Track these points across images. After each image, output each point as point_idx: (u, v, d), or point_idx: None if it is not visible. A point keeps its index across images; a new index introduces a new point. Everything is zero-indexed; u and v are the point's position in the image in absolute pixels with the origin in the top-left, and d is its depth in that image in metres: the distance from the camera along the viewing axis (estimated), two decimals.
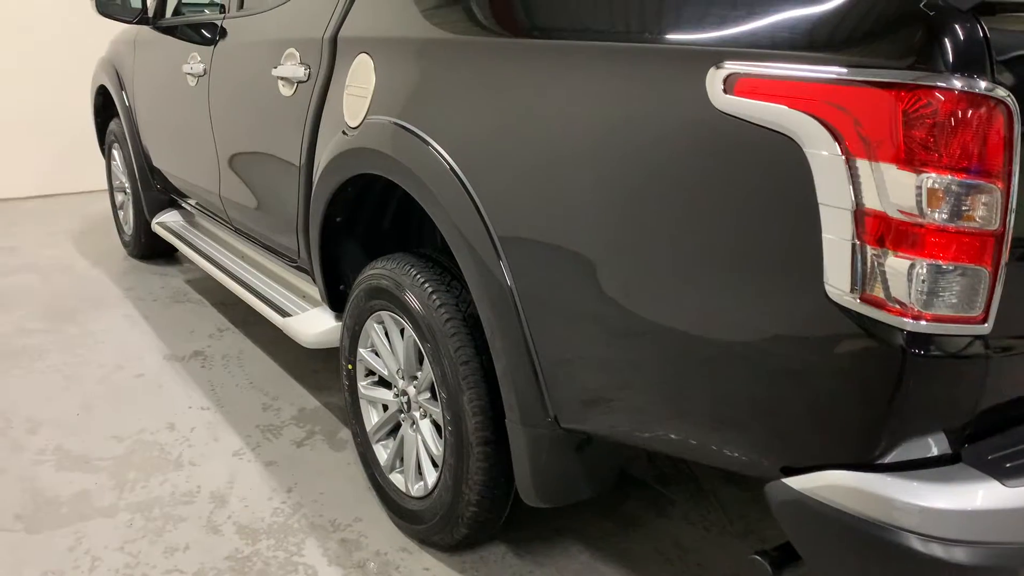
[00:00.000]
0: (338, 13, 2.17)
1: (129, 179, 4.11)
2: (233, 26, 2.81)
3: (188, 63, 3.05)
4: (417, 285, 1.89)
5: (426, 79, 1.82)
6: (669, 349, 1.38)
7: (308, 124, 2.25)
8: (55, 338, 3.34)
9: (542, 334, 1.58)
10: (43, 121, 5.76)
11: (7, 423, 2.66)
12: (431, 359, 1.86)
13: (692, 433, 1.42)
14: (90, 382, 2.95)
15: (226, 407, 2.76)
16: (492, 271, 1.63)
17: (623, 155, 1.36)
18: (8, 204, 5.68)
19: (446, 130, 1.73)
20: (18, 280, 4.06)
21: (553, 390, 1.59)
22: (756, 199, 1.19)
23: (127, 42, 3.94)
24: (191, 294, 3.87)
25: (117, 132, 4.15)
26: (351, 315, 2.17)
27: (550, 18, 1.59)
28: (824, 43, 1.12)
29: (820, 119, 1.08)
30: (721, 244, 1.25)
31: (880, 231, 1.07)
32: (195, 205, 3.56)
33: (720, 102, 1.18)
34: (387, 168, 1.90)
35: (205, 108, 2.93)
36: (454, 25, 1.83)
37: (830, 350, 1.17)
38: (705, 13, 1.27)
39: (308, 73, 2.23)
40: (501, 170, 1.60)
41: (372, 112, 1.95)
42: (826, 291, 1.12)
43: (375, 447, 2.17)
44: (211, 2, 3.44)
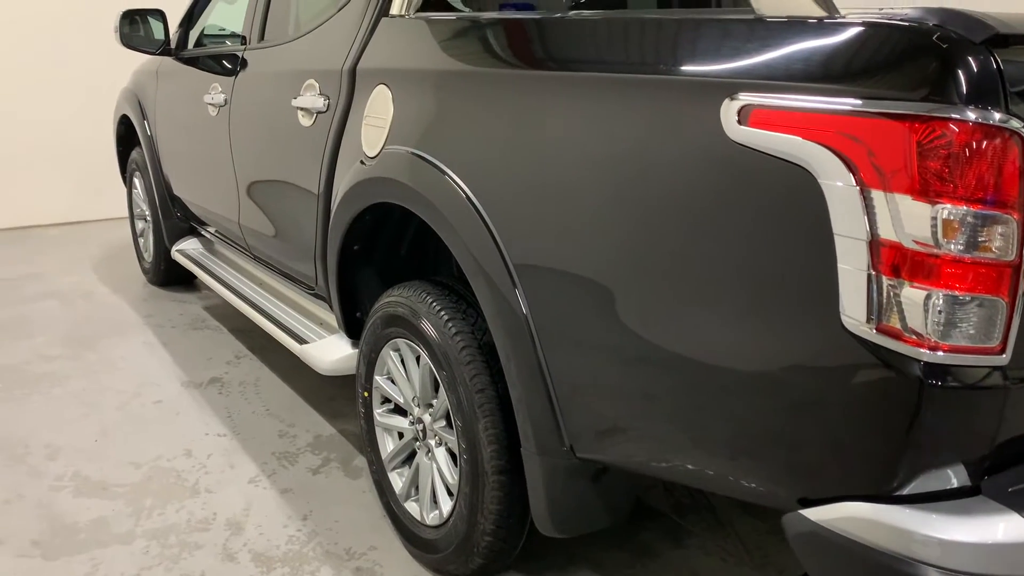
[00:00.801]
0: (357, 45, 2.20)
1: (150, 207, 4.17)
2: (254, 57, 2.86)
3: (209, 93, 3.10)
4: (433, 313, 1.90)
5: (443, 110, 1.85)
6: (684, 378, 1.37)
7: (327, 154, 2.28)
8: (75, 364, 3.37)
9: (557, 362, 1.58)
10: (66, 150, 5.85)
11: (26, 449, 2.68)
12: (446, 387, 1.86)
13: (708, 463, 1.41)
14: (108, 408, 2.97)
15: (242, 434, 2.77)
16: (507, 299, 1.63)
17: (638, 185, 1.37)
18: (32, 231, 5.76)
19: (462, 160, 1.75)
20: (40, 306, 4.11)
21: (569, 419, 1.59)
22: (771, 229, 1.19)
23: (149, 73, 4.01)
24: (209, 321, 3.90)
25: (138, 161, 4.21)
26: (367, 342, 2.18)
27: (565, 50, 1.61)
28: (838, 75, 1.12)
29: (835, 150, 1.09)
30: (736, 274, 1.25)
31: (896, 262, 1.07)
32: (214, 233, 3.60)
33: (735, 133, 1.19)
34: (404, 197, 1.92)
35: (225, 137, 2.98)
36: (471, 57, 1.86)
37: (847, 380, 1.16)
38: (719, 45, 1.29)
39: (327, 104, 2.27)
40: (516, 199, 1.61)
41: (390, 142, 1.98)
42: (842, 321, 1.12)
43: (390, 475, 2.17)
44: (232, 34, 3.50)
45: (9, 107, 5.64)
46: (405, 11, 2.11)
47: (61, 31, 5.67)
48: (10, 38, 5.55)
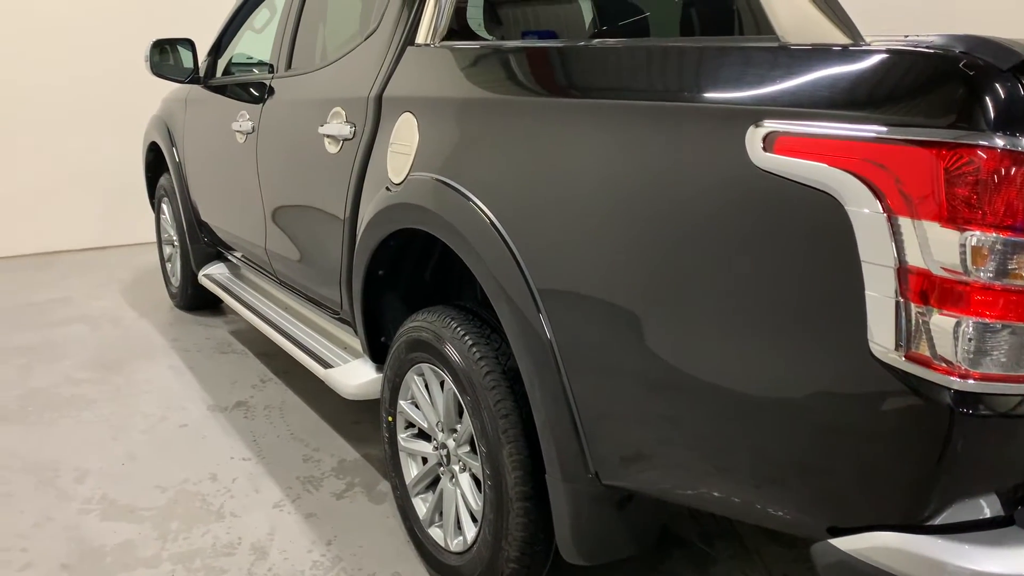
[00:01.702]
0: (383, 73, 2.23)
1: (177, 232, 4.22)
2: (281, 85, 2.90)
3: (237, 121, 3.15)
4: (457, 337, 1.90)
5: (467, 137, 1.86)
6: (710, 405, 1.37)
7: (353, 180, 2.30)
8: (103, 388, 3.41)
9: (582, 388, 1.58)
10: (96, 176, 5.96)
11: (55, 472, 2.70)
12: (471, 412, 1.86)
13: (735, 491, 1.40)
14: (135, 432, 3.00)
15: (267, 458, 2.78)
16: (532, 324, 1.64)
17: (662, 211, 1.37)
18: (62, 256, 5.85)
19: (487, 186, 1.76)
20: (69, 331, 4.17)
21: (594, 445, 1.59)
22: (797, 255, 1.19)
23: (178, 100, 4.08)
24: (235, 345, 3.93)
25: (167, 187, 4.28)
26: (391, 367, 2.19)
27: (589, 78, 1.62)
28: (864, 102, 1.13)
29: (861, 177, 1.09)
30: (762, 300, 1.24)
31: (924, 289, 1.06)
32: (241, 258, 3.64)
33: (760, 160, 1.19)
34: (429, 223, 1.93)
35: (253, 164, 3.02)
36: (495, 85, 1.88)
37: (876, 408, 1.15)
38: (744, 72, 1.29)
39: (354, 131, 2.29)
40: (540, 225, 1.62)
41: (415, 169, 2.00)
42: (871, 348, 1.11)
43: (414, 500, 2.17)
44: (260, 62, 3.56)
45: (39, 134, 5.75)
46: (430, 40, 2.14)
47: (91, 60, 5.78)
48: (41, 66, 5.67)
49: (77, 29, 5.73)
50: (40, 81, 5.69)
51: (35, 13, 5.60)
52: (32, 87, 5.67)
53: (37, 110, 5.72)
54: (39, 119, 5.74)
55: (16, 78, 5.61)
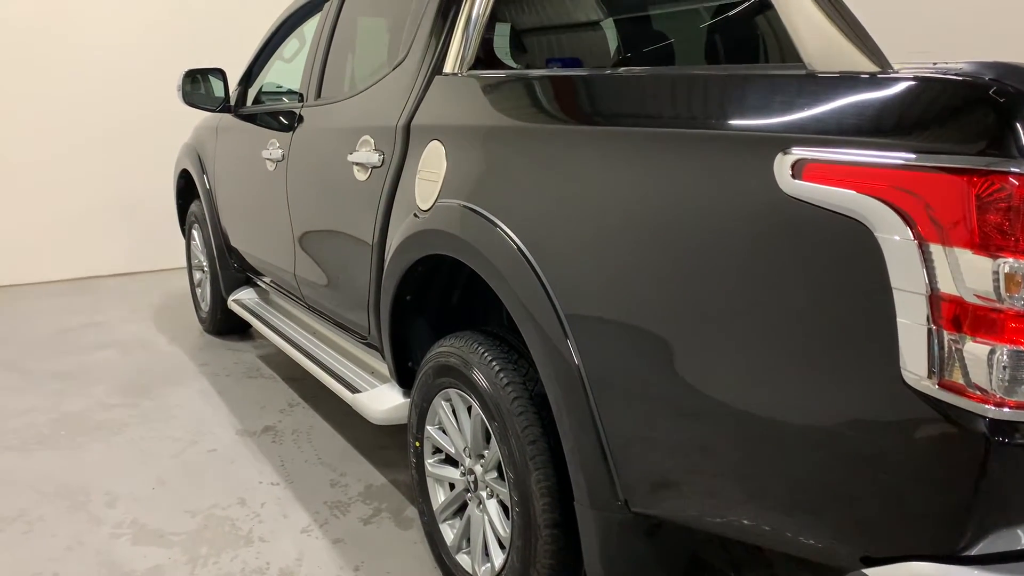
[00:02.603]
0: (411, 102, 2.26)
1: (207, 258, 4.28)
2: (310, 114, 2.95)
3: (267, 149, 3.20)
4: (484, 363, 1.91)
5: (494, 164, 1.88)
6: (740, 432, 1.36)
7: (381, 207, 2.33)
8: (133, 412, 3.45)
9: (610, 414, 1.58)
10: (128, 203, 6.07)
11: (87, 496, 2.73)
12: (498, 438, 1.86)
13: (765, 519, 1.39)
14: (165, 456, 3.03)
15: (295, 483, 2.80)
16: (559, 349, 1.64)
17: (690, 237, 1.37)
18: (94, 281, 5.94)
19: (514, 212, 1.77)
20: (101, 355, 4.22)
21: (623, 472, 1.58)
22: (827, 282, 1.18)
23: (209, 128, 4.15)
24: (263, 369, 3.97)
25: (197, 213, 4.34)
26: (419, 392, 2.20)
27: (617, 105, 1.63)
28: (893, 129, 1.13)
29: (891, 204, 1.08)
30: (792, 326, 1.24)
31: (957, 316, 1.05)
32: (269, 283, 3.68)
33: (789, 187, 1.19)
34: (457, 249, 1.95)
35: (283, 191, 3.06)
36: (521, 113, 1.89)
37: (909, 436, 1.14)
38: (771, 100, 1.30)
39: (382, 159, 2.32)
40: (568, 251, 1.63)
41: (443, 196, 2.02)
42: (903, 376, 1.10)
43: (442, 526, 2.16)
44: (289, 91, 3.62)
45: (73, 162, 5.87)
46: (458, 69, 2.17)
47: (125, 90, 5.91)
48: (76, 98, 5.81)
49: (112, 60, 5.87)
50: (74, 111, 5.82)
51: (72, 46, 5.74)
52: (66, 117, 5.80)
53: (71, 139, 5.85)
54: (73, 148, 5.86)
55: (52, 109, 5.75)
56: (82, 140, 5.87)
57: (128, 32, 5.89)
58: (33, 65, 5.65)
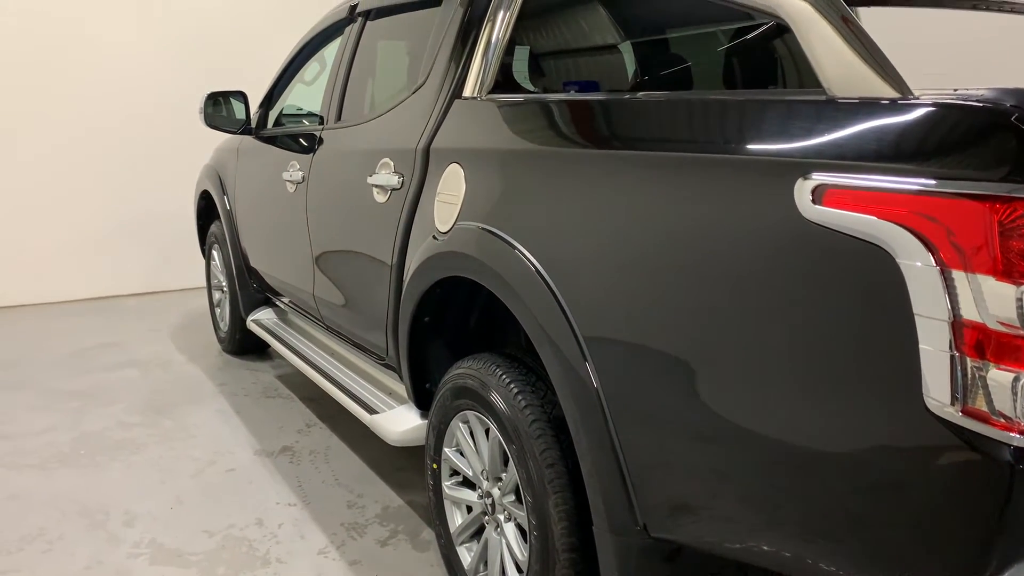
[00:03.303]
0: (431, 126, 2.28)
1: (227, 278, 4.31)
2: (331, 136, 2.98)
3: (288, 170, 3.23)
4: (502, 385, 1.91)
5: (513, 187, 1.89)
6: (761, 457, 1.35)
7: (400, 229, 2.34)
8: (152, 432, 3.47)
9: (629, 437, 1.57)
10: (148, 224, 6.13)
11: (106, 515, 2.75)
12: (516, 461, 1.86)
13: (786, 545, 1.38)
14: (184, 476, 3.04)
15: (312, 504, 2.80)
16: (578, 371, 1.64)
17: (710, 261, 1.37)
18: (114, 301, 6.00)
19: (533, 235, 1.78)
20: (120, 375, 4.26)
21: (642, 496, 1.57)
22: (848, 307, 1.18)
23: (230, 150, 4.20)
24: (281, 389, 3.98)
25: (217, 234, 4.38)
26: (436, 414, 2.20)
27: (636, 129, 1.64)
28: (913, 155, 1.13)
29: (913, 230, 1.08)
30: (812, 351, 1.23)
31: (980, 343, 1.05)
32: (288, 303, 3.70)
33: (809, 212, 1.19)
34: (475, 271, 1.95)
35: (302, 213, 3.09)
36: (540, 137, 1.90)
37: (932, 463, 1.13)
38: (791, 125, 1.30)
39: (401, 181, 2.34)
40: (586, 273, 1.63)
41: (462, 218, 2.03)
42: (925, 403, 1.09)
43: (459, 549, 2.16)
44: (310, 113, 3.65)
45: (94, 182, 5.95)
46: (477, 93, 2.18)
47: (144, 109, 6.00)
48: (96, 116, 5.89)
49: (134, 83, 5.96)
50: (95, 132, 5.90)
51: (94, 66, 5.83)
52: (87, 138, 5.89)
53: (92, 160, 5.93)
54: (93, 168, 5.94)
55: (72, 129, 5.83)
56: (103, 160, 5.95)
57: (150, 53, 5.99)
58: (54, 85, 5.74)
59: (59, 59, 5.73)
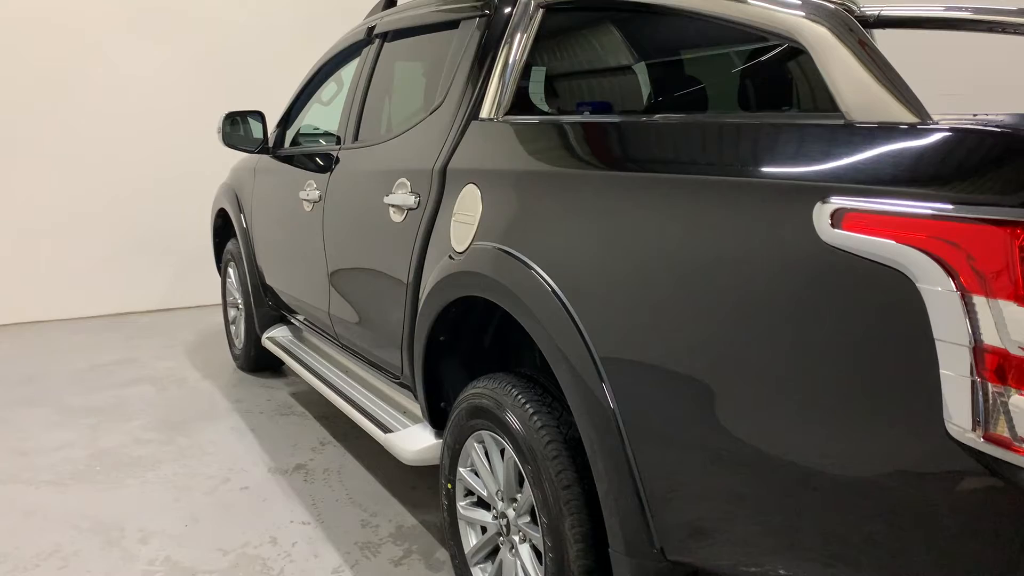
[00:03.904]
0: (448, 146, 2.30)
1: (243, 296, 4.34)
2: (348, 156, 3.00)
3: (304, 189, 3.26)
4: (518, 405, 1.91)
5: (530, 208, 1.90)
6: (779, 480, 1.35)
7: (416, 248, 2.36)
8: (168, 449, 3.48)
9: (646, 459, 1.57)
10: (165, 241, 6.18)
11: (121, 533, 2.76)
12: (532, 482, 1.86)
13: (803, 569, 1.37)
14: (198, 493, 3.05)
15: (326, 522, 2.80)
16: (594, 392, 1.64)
17: (728, 284, 1.37)
18: (130, 317, 6.04)
19: (548, 255, 1.79)
20: (136, 391, 4.28)
21: (659, 518, 1.57)
22: (868, 331, 1.18)
23: (247, 169, 4.23)
24: (295, 407, 3.99)
25: (233, 252, 4.41)
26: (451, 433, 2.20)
27: (654, 152, 1.65)
28: (933, 179, 1.13)
29: (932, 254, 1.08)
30: (832, 375, 1.23)
31: (1001, 368, 1.04)
32: (303, 321, 3.72)
33: (828, 236, 1.19)
34: (491, 290, 1.96)
35: (319, 231, 3.11)
36: (557, 158, 1.91)
37: (953, 489, 1.12)
38: (810, 149, 1.31)
39: (418, 201, 2.36)
40: (602, 294, 1.63)
41: (478, 238, 2.04)
42: (947, 428, 1.09)
43: (473, 570, 2.15)
44: (327, 133, 3.68)
45: (110, 200, 5.99)
46: (494, 115, 2.20)
47: (164, 131, 6.06)
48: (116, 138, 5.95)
49: (153, 102, 6.02)
50: (111, 149, 5.96)
51: (111, 85, 5.90)
52: (104, 155, 5.94)
53: (110, 178, 5.98)
54: (112, 187, 5.99)
55: (89, 146, 5.89)
56: (121, 178, 6.00)
57: (169, 72, 6.05)
58: (74, 103, 5.81)
59: (78, 77, 5.80)
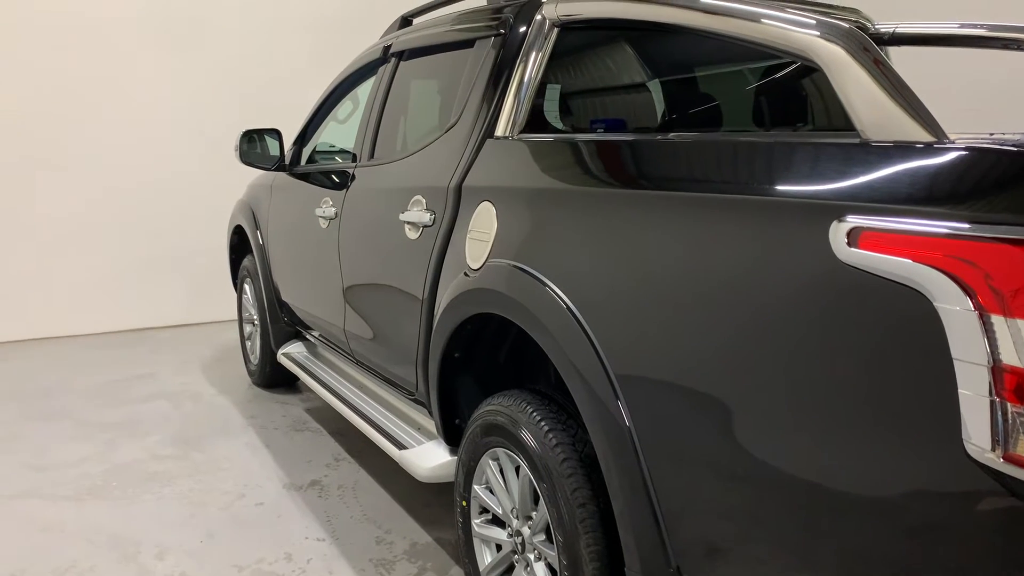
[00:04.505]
0: (463, 164, 2.31)
1: (258, 312, 4.36)
2: (364, 174, 3.02)
3: (320, 207, 3.28)
4: (533, 423, 1.91)
5: (544, 225, 1.91)
6: (795, 500, 1.34)
7: (431, 265, 2.37)
8: (183, 464, 3.50)
9: (662, 477, 1.56)
10: (182, 257, 6.23)
11: (137, 548, 2.77)
12: (547, 500, 1.85)
13: None
14: (214, 509, 3.06)
15: (341, 539, 2.80)
16: (609, 409, 1.63)
17: (743, 301, 1.37)
18: (148, 333, 6.08)
19: (564, 273, 1.79)
20: (153, 406, 4.30)
21: (675, 537, 1.56)
22: (885, 350, 1.17)
23: (264, 187, 4.27)
24: (310, 423, 4.00)
25: (250, 268, 4.44)
26: (466, 450, 2.20)
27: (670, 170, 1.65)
28: (950, 198, 1.13)
29: (950, 273, 1.08)
30: (848, 394, 1.23)
31: (1021, 388, 1.04)
32: (319, 337, 3.73)
33: (844, 255, 1.19)
34: (506, 307, 1.97)
35: (335, 248, 3.13)
36: (572, 176, 1.92)
37: (972, 509, 1.11)
38: (826, 168, 1.31)
39: (433, 218, 2.37)
40: (617, 311, 1.63)
41: (493, 255, 2.05)
42: (965, 448, 1.08)
43: None
44: (342, 150, 3.71)
45: (127, 216, 6.05)
46: (509, 133, 2.21)
47: (181, 149, 6.12)
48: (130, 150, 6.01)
49: (170, 119, 6.08)
50: (129, 166, 6.01)
51: (128, 101, 5.96)
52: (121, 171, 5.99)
53: (126, 193, 6.03)
54: (127, 202, 6.04)
55: (106, 163, 5.95)
56: (137, 194, 6.06)
57: (187, 89, 6.11)
58: (92, 120, 5.87)
59: (97, 93, 5.86)
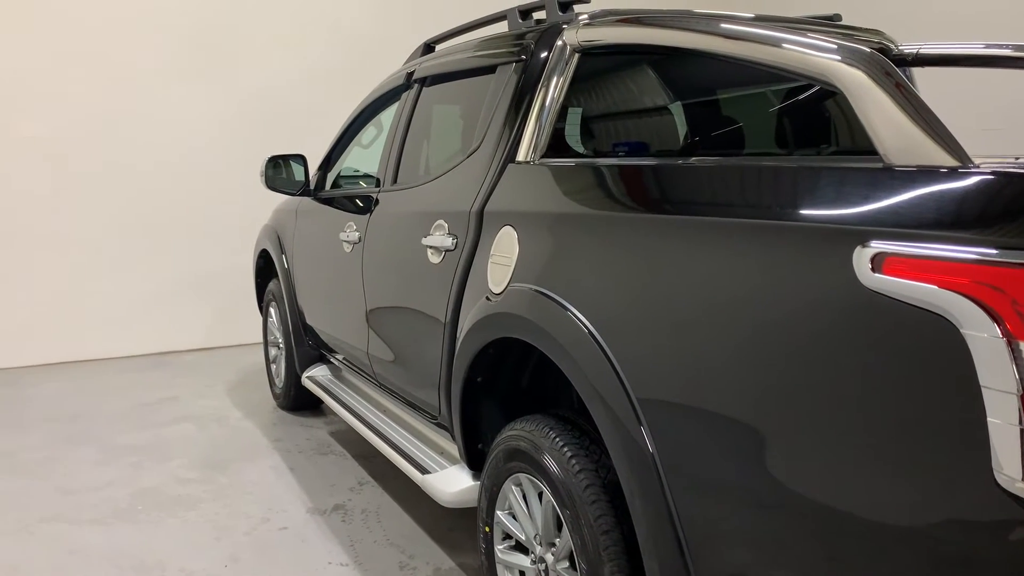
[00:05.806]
0: (485, 189, 2.32)
1: (283, 335, 4.39)
2: (387, 198, 3.04)
3: (344, 231, 3.31)
4: (556, 448, 1.90)
5: (566, 250, 1.91)
6: (820, 528, 1.32)
7: (454, 289, 2.37)
8: (208, 488, 3.51)
9: (686, 504, 1.55)
10: (207, 281, 6.29)
11: (162, 572, 2.78)
12: (570, 526, 1.84)
13: None
14: (238, 533, 3.06)
15: (364, 564, 2.79)
16: (632, 435, 1.62)
17: (766, 327, 1.36)
18: (173, 356, 6.14)
19: (586, 297, 1.79)
20: (178, 430, 4.33)
21: (699, 565, 1.54)
22: (910, 377, 1.16)
23: (289, 211, 4.31)
24: (334, 446, 4.01)
25: (275, 292, 4.48)
26: (489, 476, 2.19)
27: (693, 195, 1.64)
28: (975, 224, 1.11)
29: (976, 300, 1.07)
30: (873, 422, 1.21)
31: None
32: (342, 360, 3.75)
33: (868, 280, 1.18)
34: (528, 332, 1.96)
35: (358, 272, 3.15)
36: (593, 201, 1.92)
37: (1003, 540, 1.09)
38: (849, 192, 1.30)
39: (456, 243, 2.38)
40: (640, 336, 1.63)
41: (515, 279, 2.05)
42: (995, 478, 1.06)
43: None
44: (366, 176, 3.74)
45: (153, 240, 6.13)
46: (531, 157, 2.22)
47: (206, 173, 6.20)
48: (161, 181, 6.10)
49: (196, 145, 6.17)
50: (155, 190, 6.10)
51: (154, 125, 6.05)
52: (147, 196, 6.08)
53: (152, 217, 6.11)
54: (153, 226, 6.13)
55: (132, 187, 6.03)
56: (162, 218, 6.14)
57: (214, 116, 6.20)
58: (119, 145, 5.97)
59: (118, 119, 5.94)
